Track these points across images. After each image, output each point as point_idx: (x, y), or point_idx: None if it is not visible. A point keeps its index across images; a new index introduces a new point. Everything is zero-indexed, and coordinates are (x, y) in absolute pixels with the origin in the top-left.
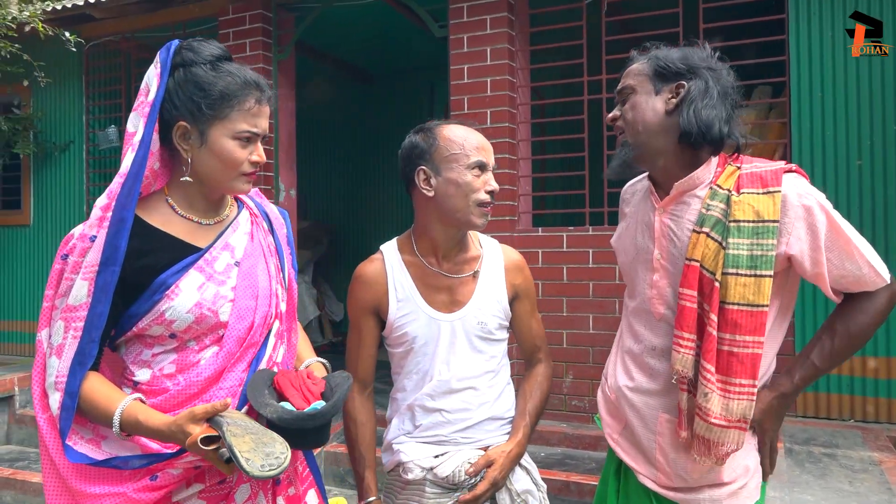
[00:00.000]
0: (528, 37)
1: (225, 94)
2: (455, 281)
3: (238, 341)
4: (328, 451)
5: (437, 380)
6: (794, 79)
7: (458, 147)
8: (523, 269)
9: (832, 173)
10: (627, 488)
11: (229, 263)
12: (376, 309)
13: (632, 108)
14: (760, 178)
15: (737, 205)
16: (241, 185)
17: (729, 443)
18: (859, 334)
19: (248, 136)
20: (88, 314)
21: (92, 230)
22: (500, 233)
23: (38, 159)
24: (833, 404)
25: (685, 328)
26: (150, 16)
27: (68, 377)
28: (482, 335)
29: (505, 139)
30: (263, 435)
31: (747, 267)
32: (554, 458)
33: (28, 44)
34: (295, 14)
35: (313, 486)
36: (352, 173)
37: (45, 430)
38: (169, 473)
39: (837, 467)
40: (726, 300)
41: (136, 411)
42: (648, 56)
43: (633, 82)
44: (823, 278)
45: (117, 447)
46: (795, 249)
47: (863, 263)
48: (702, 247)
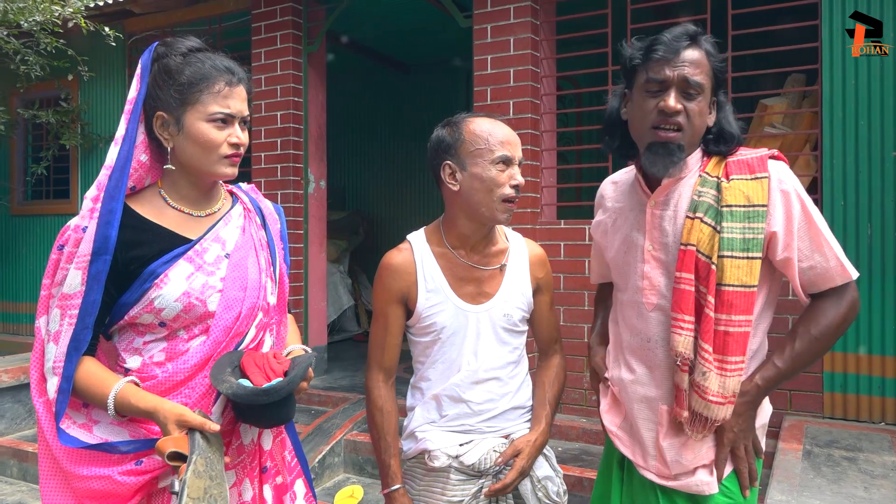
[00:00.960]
0: (553, 26)
1: (193, 79)
2: (483, 273)
3: (225, 330)
4: (347, 439)
5: (466, 370)
6: (827, 66)
7: (483, 142)
8: (545, 263)
9: (865, 164)
10: (632, 481)
11: (219, 255)
12: (404, 298)
13: (699, 113)
14: (748, 164)
15: (727, 190)
16: (223, 168)
17: (724, 417)
18: (821, 337)
19: (222, 117)
20: (83, 302)
21: (84, 221)
22: (522, 225)
23: (85, 150)
24: (863, 406)
25: (684, 310)
26: (188, 10)
27: (65, 362)
28: (507, 327)
29: (528, 130)
30: (219, 485)
31: (741, 249)
32: (571, 454)
33: (73, 39)
34: (326, 6)
35: (301, 475)
36: (390, 163)
37: (42, 413)
38: (153, 459)
39: (856, 472)
40: (723, 282)
41: (128, 393)
42: (703, 47)
43: (704, 82)
44: (792, 265)
45: (107, 432)
46: (775, 227)
47: (831, 256)
48: (696, 231)
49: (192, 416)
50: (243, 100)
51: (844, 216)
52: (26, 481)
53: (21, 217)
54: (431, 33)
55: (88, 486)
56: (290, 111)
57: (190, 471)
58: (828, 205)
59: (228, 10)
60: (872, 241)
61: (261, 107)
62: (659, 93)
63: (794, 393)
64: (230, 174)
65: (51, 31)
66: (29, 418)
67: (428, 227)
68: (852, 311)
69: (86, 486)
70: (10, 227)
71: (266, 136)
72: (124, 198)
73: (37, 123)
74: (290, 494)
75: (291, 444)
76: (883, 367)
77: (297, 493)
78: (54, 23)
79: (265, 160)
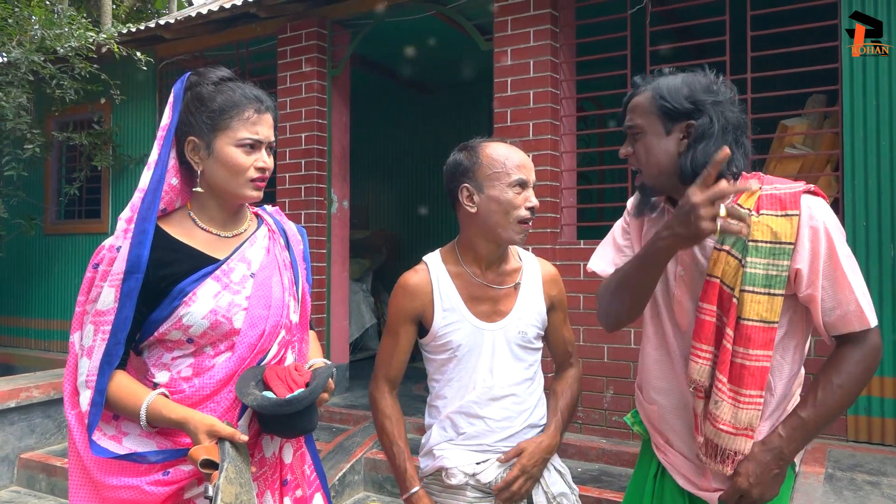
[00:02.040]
0: (573, 48)
1: (224, 106)
2: (499, 292)
3: (250, 347)
4: (367, 457)
5: (482, 387)
6: (847, 86)
7: (500, 166)
8: (558, 281)
9: (888, 185)
10: (663, 489)
11: (245, 275)
12: (419, 317)
13: (645, 150)
14: (780, 200)
15: (755, 225)
16: (249, 191)
17: (737, 449)
18: (844, 385)
19: (251, 143)
20: (115, 318)
21: (118, 241)
22: (542, 245)
23: (116, 171)
24: (888, 429)
25: (703, 340)
26: (217, 35)
27: (98, 376)
28: (522, 344)
29: (547, 151)
30: (248, 492)
31: (762, 286)
32: (590, 474)
33: (106, 64)
34: (350, 31)
35: (320, 489)
36: (413, 183)
37: (74, 426)
38: (181, 470)
39: (879, 497)
40: (742, 315)
41: (160, 405)
42: (652, 88)
43: (641, 122)
44: (816, 302)
45: (136, 444)
46: (799, 265)
47: (851, 300)
48: (722, 263)
49: (223, 427)
50: (270, 126)
51: (867, 237)
52: (54, 495)
53: (54, 236)
54: (453, 56)
55: (118, 495)
56: (314, 133)
57: (222, 477)
58: (849, 225)
59: (256, 35)
60: (895, 262)
61: (286, 128)
62: (625, 139)
63: None
64: (255, 197)
65: (85, 57)
66: (58, 433)
67: (443, 249)
68: (873, 360)
69: (115, 496)
70: (43, 246)
71: (290, 157)
72: (156, 219)
73: (70, 145)
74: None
75: (311, 459)
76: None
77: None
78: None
79: (290, 181)
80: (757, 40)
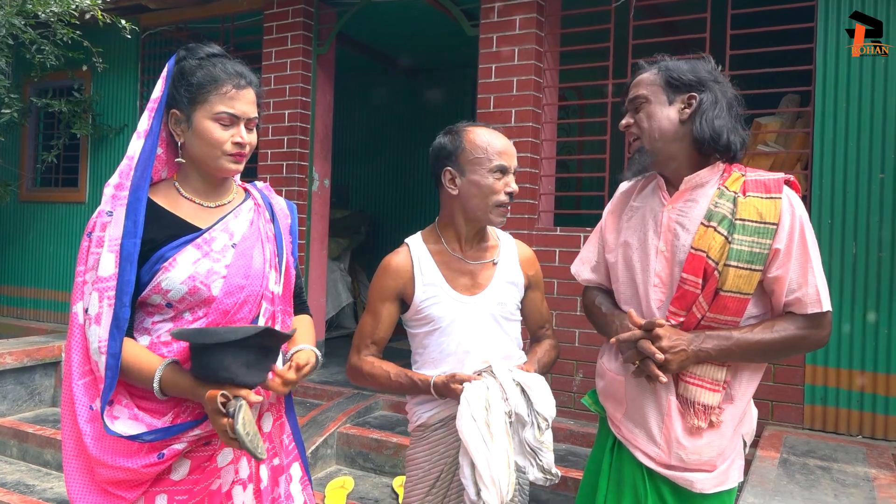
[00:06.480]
0: (558, 38)
1: (203, 80)
2: (476, 267)
3: (223, 313)
4: (341, 432)
5: (463, 358)
6: (820, 88)
7: (482, 151)
8: (535, 262)
9: (853, 186)
10: (621, 463)
11: (226, 244)
12: (400, 295)
13: (647, 116)
14: (764, 184)
15: (742, 205)
16: (226, 164)
17: (706, 403)
18: (779, 337)
19: (227, 117)
20: (118, 282)
21: (107, 206)
22: (519, 230)
23: (95, 140)
24: (842, 419)
25: (681, 307)
26: (202, 7)
27: (108, 340)
28: (502, 314)
29: (528, 139)
30: (257, 434)
31: (747, 261)
32: (557, 454)
33: (88, 31)
34: (337, 9)
35: (298, 459)
36: (394, 165)
37: (78, 397)
38: (174, 450)
39: (828, 481)
40: (723, 287)
41: (173, 371)
42: (658, 67)
43: (646, 92)
44: (783, 282)
45: (127, 426)
46: (779, 245)
47: (811, 283)
48: (709, 239)
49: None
50: (250, 102)
51: (831, 234)
52: (25, 461)
53: (29, 203)
54: (439, 40)
55: (114, 475)
56: (297, 110)
57: (242, 402)
58: (815, 222)
59: (241, 9)
60: (857, 260)
61: (269, 105)
62: (625, 113)
63: (775, 404)
64: (234, 170)
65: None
66: (30, 400)
67: (424, 231)
68: (815, 338)
69: (111, 476)
70: (18, 213)
71: (273, 134)
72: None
73: (49, 112)
74: (285, 476)
75: (290, 429)
76: (862, 382)
77: (293, 475)
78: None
79: (271, 157)
80: (736, 39)
